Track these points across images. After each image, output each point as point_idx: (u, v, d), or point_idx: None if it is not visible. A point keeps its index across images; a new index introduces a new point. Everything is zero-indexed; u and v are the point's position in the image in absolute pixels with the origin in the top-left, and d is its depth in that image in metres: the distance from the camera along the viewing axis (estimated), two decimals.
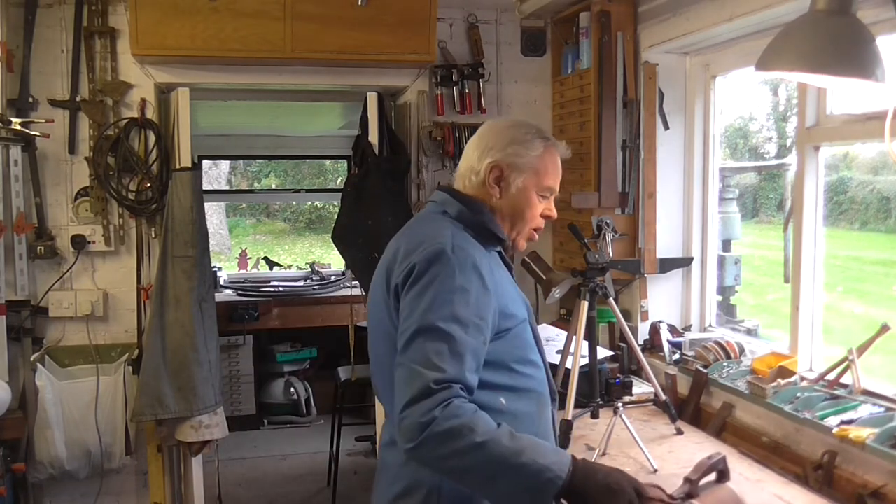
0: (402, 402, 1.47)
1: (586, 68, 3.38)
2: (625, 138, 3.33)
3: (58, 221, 3.41)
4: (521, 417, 1.64)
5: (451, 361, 1.49)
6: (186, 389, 3.26)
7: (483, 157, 1.73)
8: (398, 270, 1.63)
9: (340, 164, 9.54)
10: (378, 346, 1.72)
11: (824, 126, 2.57)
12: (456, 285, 1.55)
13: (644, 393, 2.97)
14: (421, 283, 1.56)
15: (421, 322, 1.52)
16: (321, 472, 4.80)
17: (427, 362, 1.48)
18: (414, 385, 1.46)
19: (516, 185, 1.72)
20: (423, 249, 1.59)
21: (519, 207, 1.73)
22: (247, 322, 5.29)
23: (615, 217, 3.24)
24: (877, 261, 4.30)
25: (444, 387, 1.45)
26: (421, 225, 1.76)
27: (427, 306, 1.53)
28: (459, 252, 1.59)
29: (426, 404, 1.43)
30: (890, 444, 2.04)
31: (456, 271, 1.56)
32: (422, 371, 1.47)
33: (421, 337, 1.51)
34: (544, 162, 1.73)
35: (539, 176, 1.73)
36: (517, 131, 1.74)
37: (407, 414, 1.45)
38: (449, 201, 1.75)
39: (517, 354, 1.68)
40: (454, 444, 1.42)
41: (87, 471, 3.39)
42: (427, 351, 1.49)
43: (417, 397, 1.45)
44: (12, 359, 3.28)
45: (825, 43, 1.76)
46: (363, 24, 3.33)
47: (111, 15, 3.38)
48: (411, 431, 1.44)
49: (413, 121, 3.67)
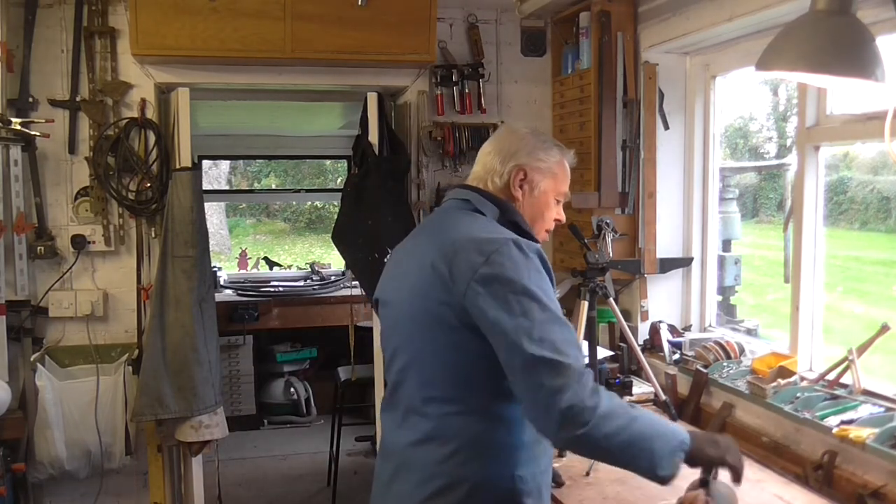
0: (564, 393, 1.50)
1: (586, 68, 3.38)
2: (625, 138, 3.33)
3: (58, 221, 3.41)
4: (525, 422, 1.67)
5: (573, 342, 1.59)
6: (186, 389, 3.26)
7: (507, 160, 1.80)
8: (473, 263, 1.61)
9: (340, 164, 9.55)
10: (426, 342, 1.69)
11: (824, 126, 2.57)
12: (542, 276, 1.62)
13: (644, 393, 2.97)
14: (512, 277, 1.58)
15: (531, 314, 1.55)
16: (321, 472, 4.80)
17: (558, 350, 1.53)
18: (564, 373, 1.51)
19: (539, 189, 1.81)
20: (498, 244, 1.62)
21: (539, 209, 1.82)
22: (247, 322, 5.29)
23: (615, 217, 3.24)
24: (877, 261, 4.30)
25: (587, 372, 1.55)
26: (469, 222, 1.74)
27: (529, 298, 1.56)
28: (528, 246, 1.64)
29: (584, 389, 1.51)
30: (890, 444, 2.04)
31: (538, 263, 1.63)
32: (561, 359, 1.52)
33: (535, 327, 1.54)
34: (562, 168, 1.84)
35: (557, 181, 1.83)
36: (537, 139, 1.84)
37: (573, 402, 1.49)
38: (481, 200, 1.78)
39: None
40: (618, 421, 1.52)
41: (87, 471, 3.39)
42: (552, 340, 1.54)
43: (574, 384, 1.51)
44: (12, 359, 3.28)
45: (825, 43, 1.76)
46: (363, 24, 3.33)
47: (111, 15, 3.37)
48: (581, 416, 1.49)
49: (413, 121, 3.67)
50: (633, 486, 2.16)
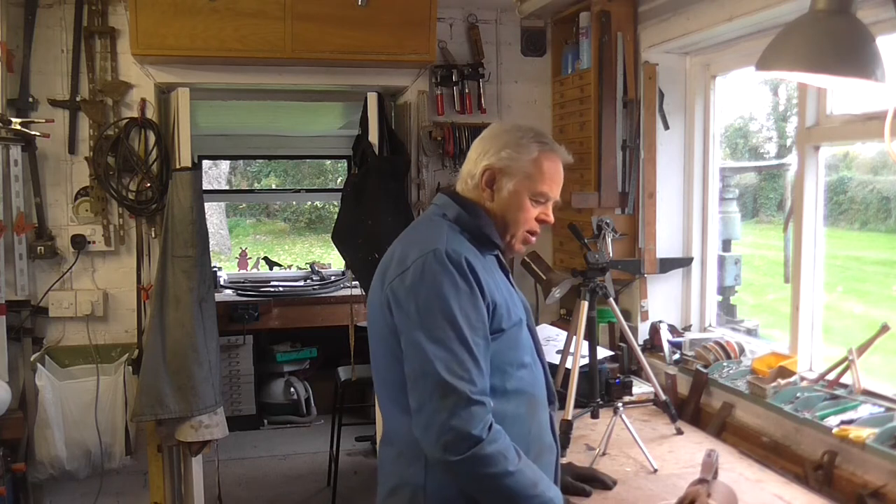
0: (443, 414, 1.51)
1: (586, 68, 3.38)
2: (625, 138, 3.32)
3: (58, 221, 3.41)
4: (509, 419, 1.65)
5: (474, 369, 1.55)
6: (186, 389, 3.26)
7: (479, 160, 1.75)
8: (392, 273, 1.66)
9: (340, 164, 9.55)
10: (376, 347, 1.75)
11: (824, 126, 2.57)
12: (461, 290, 1.58)
13: (644, 393, 2.97)
14: (424, 289, 1.59)
15: (434, 330, 1.56)
16: (321, 472, 4.80)
17: (453, 372, 1.53)
18: (451, 397, 1.51)
19: (507, 189, 1.73)
20: (419, 253, 1.62)
21: (510, 211, 1.74)
22: (247, 322, 5.29)
23: (615, 217, 3.24)
24: (877, 261, 4.30)
25: (480, 401, 1.53)
26: (418, 229, 1.79)
27: (436, 312, 1.56)
28: (453, 255, 1.61)
29: (471, 418, 1.51)
30: (890, 444, 2.04)
31: (455, 274, 1.59)
32: (453, 383, 1.52)
33: (439, 345, 1.55)
34: (539, 167, 1.73)
35: (531, 180, 1.73)
36: (513, 135, 1.75)
37: (452, 427, 1.50)
38: (448, 204, 1.77)
39: (509, 356, 1.69)
40: (493, 468, 1.52)
41: (87, 471, 3.39)
42: (448, 360, 1.54)
43: (458, 410, 1.51)
44: (12, 359, 3.28)
45: (825, 43, 1.76)
46: (363, 24, 3.33)
47: (111, 15, 3.38)
48: (459, 444, 1.50)
49: (413, 121, 3.67)
50: (633, 487, 2.16)
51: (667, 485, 2.17)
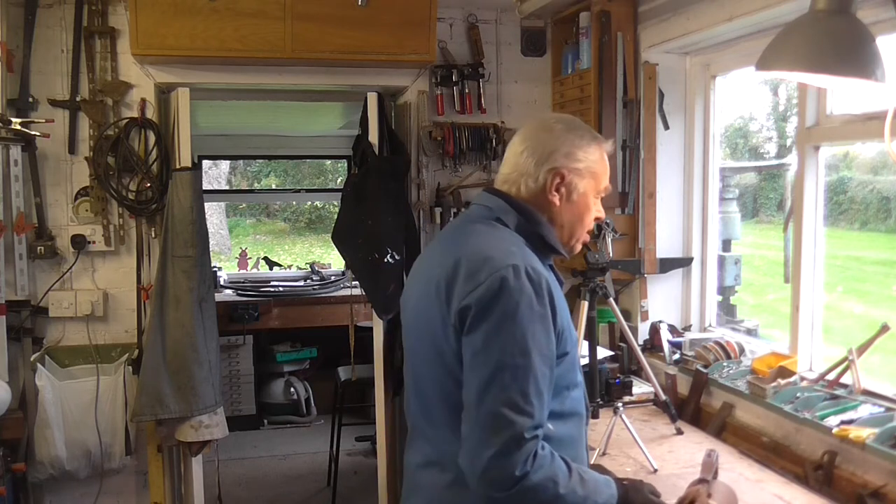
0: (491, 450, 1.42)
1: (586, 68, 3.38)
2: (625, 138, 3.32)
3: (58, 221, 3.41)
4: (565, 442, 1.59)
5: (537, 402, 1.45)
6: (186, 389, 3.26)
7: (543, 162, 1.63)
8: (464, 289, 1.52)
9: (340, 164, 9.56)
10: (425, 362, 1.63)
11: (824, 126, 2.57)
12: (535, 314, 1.48)
13: (644, 393, 2.97)
14: (498, 309, 1.47)
15: (502, 356, 1.45)
16: (321, 472, 4.80)
17: (514, 405, 1.43)
18: (504, 433, 1.42)
19: (578, 192, 1.65)
20: (494, 268, 1.49)
21: (580, 213, 1.67)
22: (247, 322, 5.29)
23: (615, 217, 3.24)
24: (877, 261, 4.30)
25: (533, 436, 1.44)
26: (481, 236, 1.62)
27: (508, 336, 1.46)
28: (534, 275, 1.50)
29: (519, 456, 1.42)
30: (890, 444, 2.04)
31: (534, 298, 1.48)
32: (511, 417, 1.42)
33: (505, 373, 1.44)
34: (601, 165, 1.67)
35: (597, 179, 1.67)
36: (574, 135, 1.66)
37: (498, 465, 1.42)
38: (504, 209, 1.64)
39: (567, 379, 1.61)
40: (541, 496, 1.45)
41: (87, 471, 3.39)
42: (512, 391, 1.44)
43: (509, 448, 1.42)
44: (12, 359, 3.28)
45: (825, 43, 1.76)
46: (363, 24, 3.33)
47: (111, 15, 3.37)
48: (503, 482, 1.42)
49: (413, 121, 3.67)
50: None
51: (667, 485, 2.17)
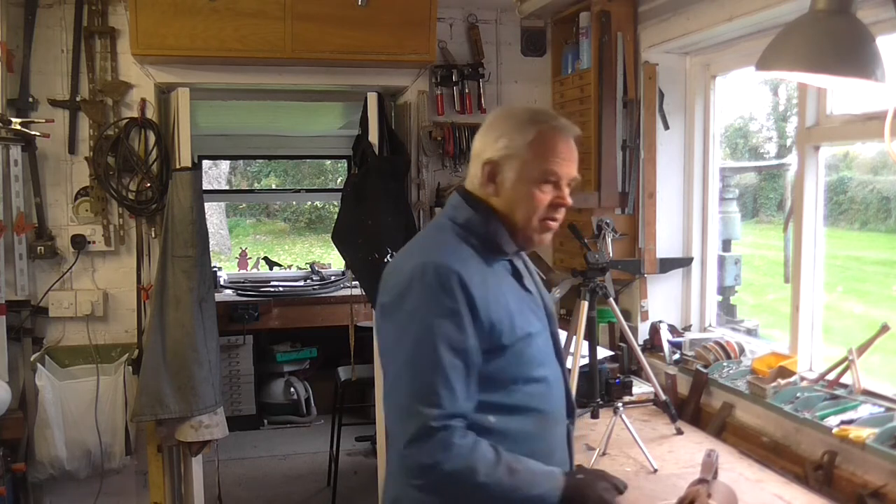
0: (403, 440, 1.47)
1: (586, 68, 3.38)
2: (625, 138, 3.32)
3: (58, 221, 3.41)
4: (515, 436, 1.58)
5: (446, 393, 1.47)
6: (186, 389, 3.26)
7: (478, 156, 1.64)
8: (382, 288, 1.61)
9: (340, 164, 9.55)
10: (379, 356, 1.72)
11: (824, 126, 2.57)
12: (443, 309, 1.49)
13: (644, 393, 2.97)
14: (405, 307, 1.52)
15: (409, 350, 1.50)
16: (321, 472, 4.80)
17: (422, 396, 1.46)
18: (412, 423, 1.46)
19: (510, 179, 1.60)
20: (409, 268, 1.54)
21: (516, 203, 1.61)
22: (247, 322, 5.29)
23: (615, 217, 3.24)
24: (877, 261, 4.30)
25: (442, 426, 1.45)
26: (425, 236, 1.72)
27: (414, 333, 1.50)
28: (442, 270, 1.51)
29: (429, 446, 1.45)
30: (890, 444, 2.04)
31: (440, 294, 1.50)
32: (419, 408, 1.46)
33: (411, 367, 1.49)
34: (540, 147, 1.59)
35: (533, 164, 1.59)
36: (507, 121, 1.62)
37: (409, 454, 1.46)
38: (460, 206, 1.66)
39: (512, 372, 1.59)
40: (458, 487, 1.47)
41: (87, 471, 3.39)
42: (420, 383, 1.48)
43: (418, 437, 1.45)
44: (12, 359, 3.28)
45: (825, 43, 1.76)
46: (363, 24, 3.33)
47: (111, 15, 3.37)
48: (416, 471, 1.47)
49: (413, 121, 3.67)
50: (632, 487, 2.15)
51: (667, 485, 2.17)
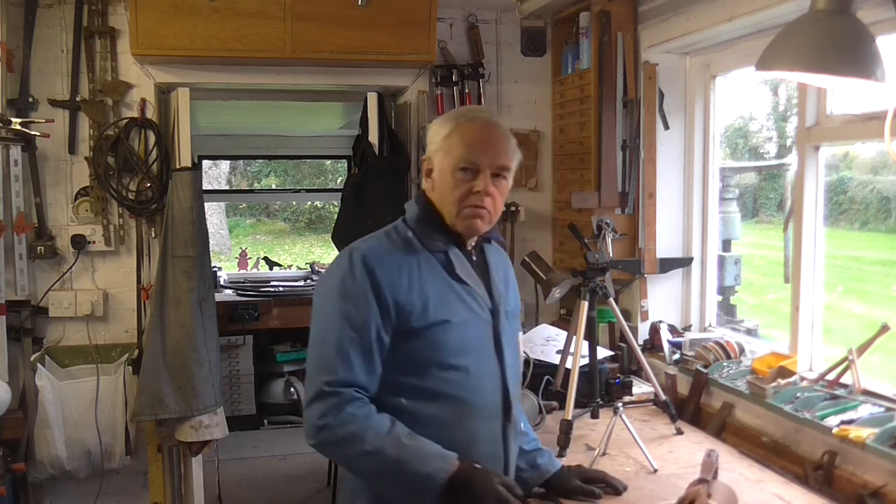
0: (305, 403, 1.67)
1: (586, 68, 3.38)
2: (625, 138, 3.32)
3: (58, 221, 3.41)
4: (427, 420, 1.67)
5: (340, 363, 1.63)
6: (186, 389, 3.26)
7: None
8: None
9: (340, 164, 9.55)
10: None
11: (824, 126, 2.57)
12: (348, 289, 1.66)
13: (644, 393, 2.97)
14: (320, 290, 1.76)
15: (317, 327, 1.70)
16: (321, 472, 4.79)
17: (318, 366, 1.65)
18: (310, 388, 1.64)
19: (437, 172, 1.76)
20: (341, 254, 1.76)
21: (442, 193, 1.76)
22: (247, 322, 5.27)
23: (615, 217, 3.23)
24: (877, 261, 4.30)
25: (334, 391, 1.61)
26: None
27: (321, 312, 1.70)
28: (354, 253, 1.69)
29: (319, 408, 1.61)
30: (890, 444, 2.04)
31: (347, 276, 1.67)
32: (314, 375, 1.65)
33: (317, 342, 1.69)
34: (454, 139, 1.72)
35: (448, 154, 1.72)
36: (438, 121, 1.80)
37: (306, 415, 1.64)
38: (411, 204, 1.84)
39: (426, 356, 1.69)
40: (345, 451, 1.63)
41: (87, 471, 3.39)
42: (318, 353, 1.67)
43: (313, 399, 1.63)
44: (12, 359, 3.28)
45: (825, 43, 1.76)
46: (363, 24, 3.33)
47: (111, 15, 3.38)
48: (309, 432, 1.63)
49: (413, 121, 3.67)
50: (633, 487, 2.16)
51: (667, 485, 2.17)
